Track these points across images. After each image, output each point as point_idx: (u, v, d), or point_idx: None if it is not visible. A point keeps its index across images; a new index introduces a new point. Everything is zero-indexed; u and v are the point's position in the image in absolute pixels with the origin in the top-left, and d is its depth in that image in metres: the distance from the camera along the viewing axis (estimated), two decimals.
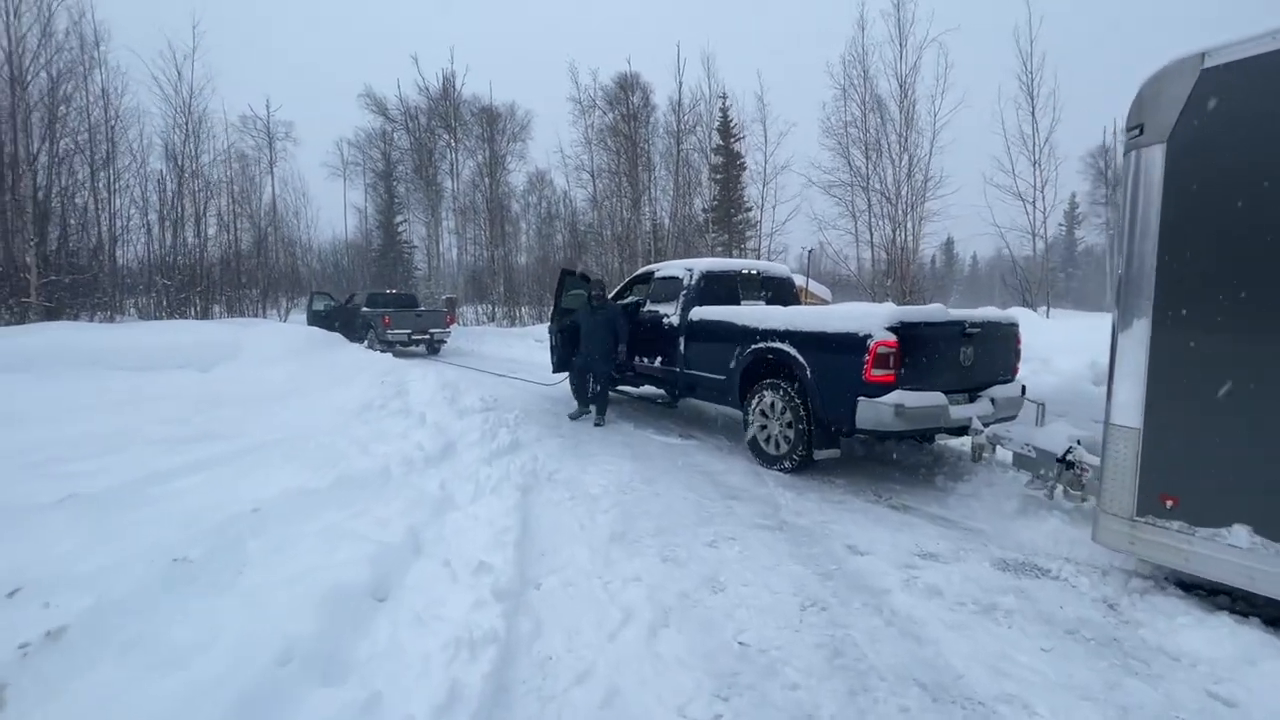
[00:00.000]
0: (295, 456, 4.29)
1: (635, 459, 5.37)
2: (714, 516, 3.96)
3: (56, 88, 12.71)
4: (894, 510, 4.17)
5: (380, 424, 5.67)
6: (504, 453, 5.13)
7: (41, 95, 12.19)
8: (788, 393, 4.89)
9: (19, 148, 11.10)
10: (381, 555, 2.49)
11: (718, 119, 24.92)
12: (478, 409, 6.78)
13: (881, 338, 4.23)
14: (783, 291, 6.90)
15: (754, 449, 5.28)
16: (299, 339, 11.57)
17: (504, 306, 24.19)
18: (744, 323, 5.38)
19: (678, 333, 6.28)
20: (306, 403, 7.08)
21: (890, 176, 16.18)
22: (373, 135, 32.13)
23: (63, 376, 8.11)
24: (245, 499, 3.32)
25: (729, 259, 6.80)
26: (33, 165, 11.32)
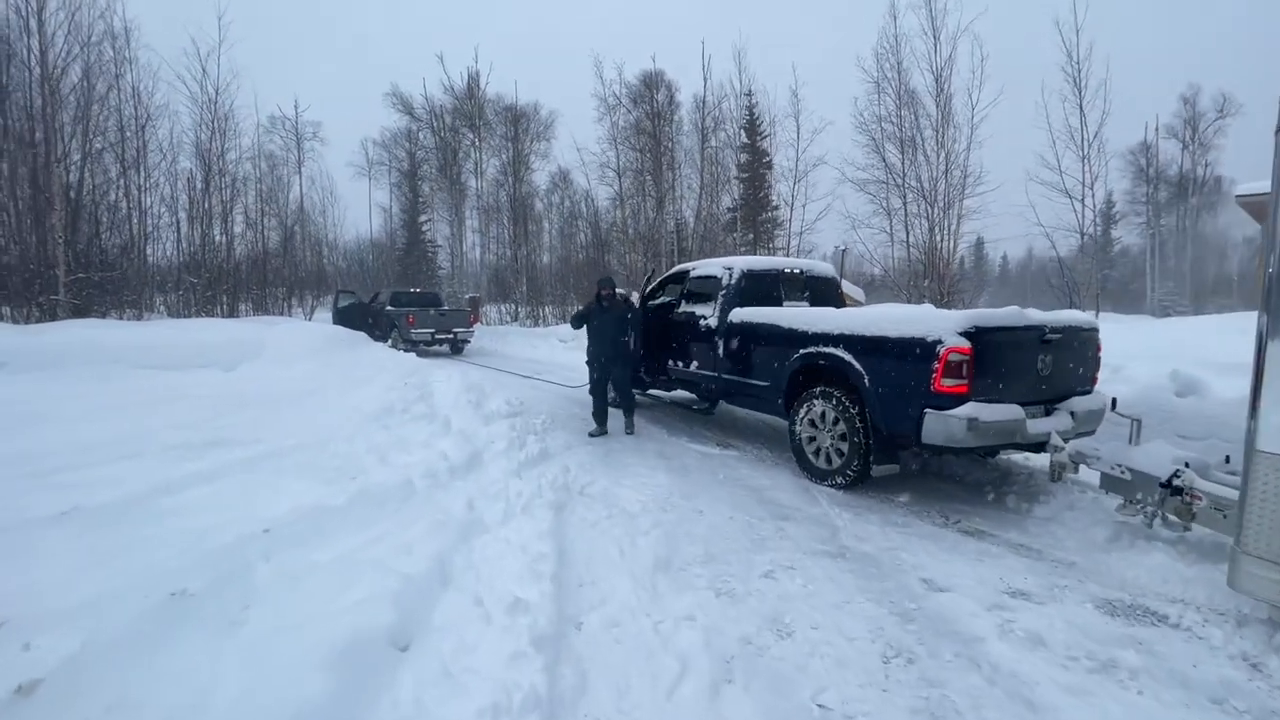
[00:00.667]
0: (311, 466, 4.02)
1: (672, 471, 5.01)
2: (766, 540, 3.58)
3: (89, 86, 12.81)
4: (967, 536, 3.75)
5: (402, 429, 5.39)
6: (533, 463, 4.80)
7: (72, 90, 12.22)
8: (841, 402, 4.48)
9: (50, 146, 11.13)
10: (405, 591, 2.17)
11: (744, 116, 24.44)
12: (504, 414, 6.47)
13: (953, 343, 3.81)
14: (827, 292, 6.47)
15: (802, 462, 4.88)
16: (321, 338, 11.42)
17: (527, 306, 23.98)
18: (792, 325, 4.99)
19: (715, 335, 5.90)
20: (326, 405, 6.84)
21: (926, 173, 15.61)
22: (398, 135, 32.24)
23: (85, 376, 8.00)
24: (257, 517, 3.03)
25: (770, 257, 6.42)
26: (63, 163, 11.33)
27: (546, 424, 6.45)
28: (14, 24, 11.55)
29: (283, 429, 5.61)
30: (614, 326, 6.20)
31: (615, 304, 6.32)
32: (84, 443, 4.86)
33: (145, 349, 9.37)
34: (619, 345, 6.21)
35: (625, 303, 6.62)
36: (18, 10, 11.41)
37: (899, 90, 15.77)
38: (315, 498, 3.27)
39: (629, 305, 6.62)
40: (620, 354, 6.23)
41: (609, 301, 6.27)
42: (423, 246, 35.50)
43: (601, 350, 6.22)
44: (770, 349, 5.20)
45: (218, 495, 3.53)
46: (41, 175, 11.08)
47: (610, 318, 6.21)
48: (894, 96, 15.86)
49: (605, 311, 6.23)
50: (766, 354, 5.25)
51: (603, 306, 6.24)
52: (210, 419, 6.09)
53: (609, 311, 6.23)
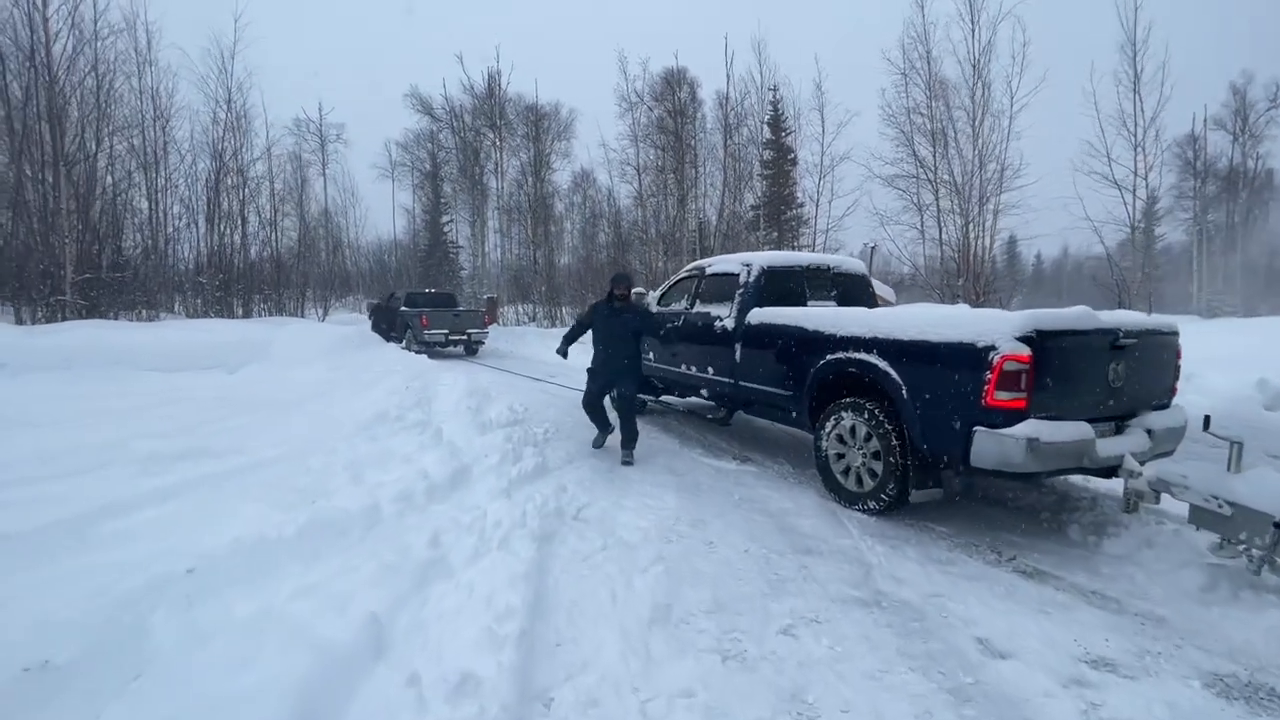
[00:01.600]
0: (277, 485, 3.60)
1: (682, 490, 4.49)
2: (787, 582, 3.05)
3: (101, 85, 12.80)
4: (1025, 578, 3.16)
5: (390, 440, 4.97)
6: (527, 480, 4.33)
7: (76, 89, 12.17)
8: (874, 416, 3.92)
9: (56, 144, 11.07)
10: (317, 673, 1.70)
11: (768, 112, 23.78)
12: (503, 422, 6.04)
13: (1010, 350, 3.22)
14: (857, 290, 5.88)
15: (828, 483, 4.32)
16: (329, 339, 11.18)
17: (545, 306, 23.65)
18: (817, 328, 4.43)
19: (732, 338, 5.36)
20: (321, 411, 6.48)
21: (959, 167, 14.79)
22: (420, 136, 32.26)
23: (85, 378, 7.81)
24: (189, 550, 2.61)
25: (794, 253, 5.82)
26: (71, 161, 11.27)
27: (549, 433, 5.99)
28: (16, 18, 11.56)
29: (268, 438, 5.25)
30: (625, 332, 5.35)
31: (629, 305, 5.46)
32: (51, 452, 4.54)
33: (151, 350, 9.19)
34: (631, 357, 5.39)
35: (638, 305, 5.84)
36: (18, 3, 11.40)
37: (929, 81, 14.99)
38: (261, 527, 2.84)
39: (643, 308, 5.86)
40: (629, 368, 5.38)
41: (622, 302, 5.40)
42: (444, 247, 35.52)
43: (609, 360, 5.38)
44: (793, 354, 4.65)
45: (163, 520, 3.13)
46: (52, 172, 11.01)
47: (621, 321, 5.36)
48: (923, 87, 15.09)
49: (616, 314, 5.36)
50: (788, 359, 4.71)
51: (614, 307, 5.37)
52: (197, 425, 5.76)
53: (621, 314, 5.36)
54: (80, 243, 11.29)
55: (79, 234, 11.35)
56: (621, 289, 5.42)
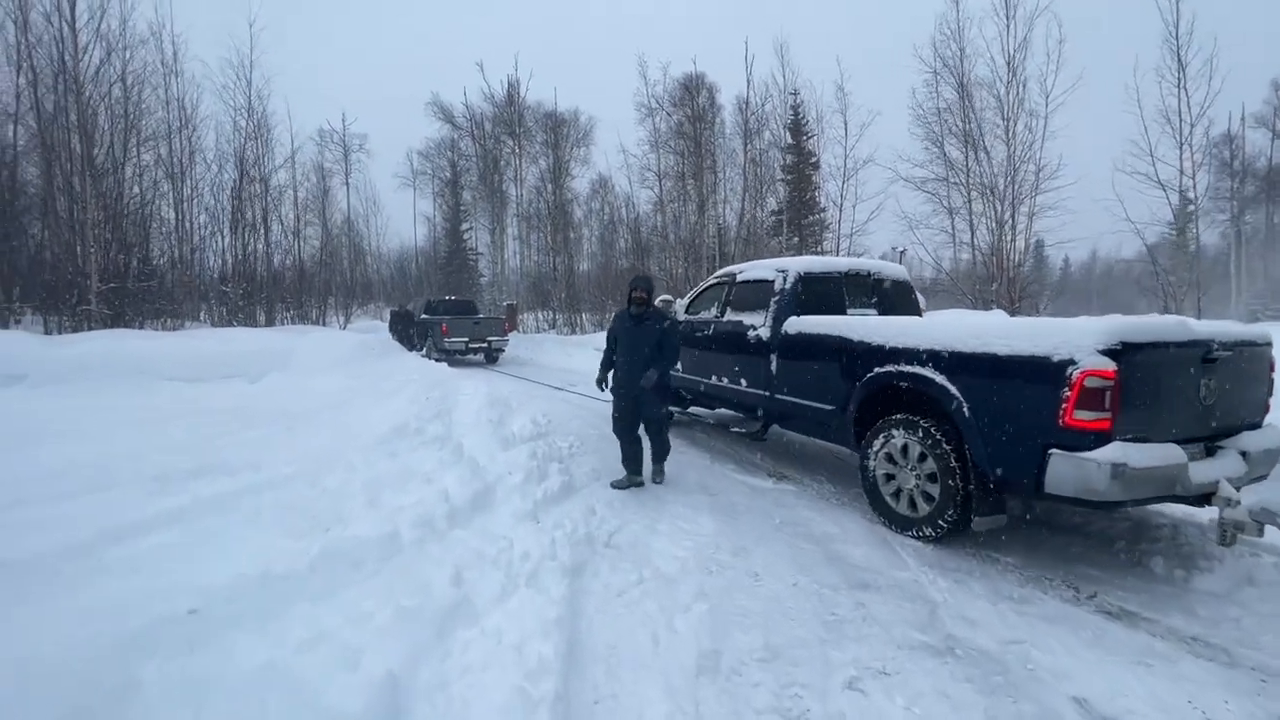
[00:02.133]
0: (292, 508, 3.38)
1: (718, 512, 4.20)
2: (844, 623, 2.74)
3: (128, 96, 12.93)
4: (1112, 620, 2.82)
5: (410, 456, 4.75)
6: (553, 501, 4.07)
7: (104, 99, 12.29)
8: (930, 434, 3.60)
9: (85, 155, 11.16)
10: None
11: (789, 116, 23.46)
12: (527, 435, 5.80)
13: (1092, 364, 2.89)
14: (899, 298, 5.56)
15: (877, 506, 4.00)
16: (349, 347, 11.08)
17: (565, 313, 23.50)
18: (863, 338, 4.12)
19: (767, 349, 5.07)
20: (340, 422, 6.30)
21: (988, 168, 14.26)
22: (441, 144, 32.49)
23: (106, 389, 7.74)
24: (193, 585, 2.39)
25: (831, 258, 5.48)
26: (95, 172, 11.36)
27: (574, 447, 5.75)
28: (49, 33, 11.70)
29: (284, 453, 5.07)
30: (647, 343, 4.69)
31: (649, 313, 4.78)
32: (60, 469, 4.39)
33: (173, 360, 9.14)
34: (644, 365, 4.68)
35: (664, 312, 5.13)
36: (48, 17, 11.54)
37: (961, 80, 14.52)
38: (274, 558, 2.62)
39: (669, 317, 5.17)
40: (658, 383, 4.70)
41: (641, 307, 4.73)
42: (464, 255, 35.68)
43: (631, 374, 4.73)
44: (835, 366, 4.34)
45: (170, 548, 2.92)
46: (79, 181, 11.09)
47: (642, 331, 4.73)
48: (955, 87, 14.62)
49: (638, 322, 4.74)
50: (830, 372, 4.40)
51: (633, 315, 4.75)
52: (213, 439, 5.61)
53: (642, 322, 4.74)
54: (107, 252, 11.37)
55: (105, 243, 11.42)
56: (640, 293, 4.74)
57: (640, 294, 4.74)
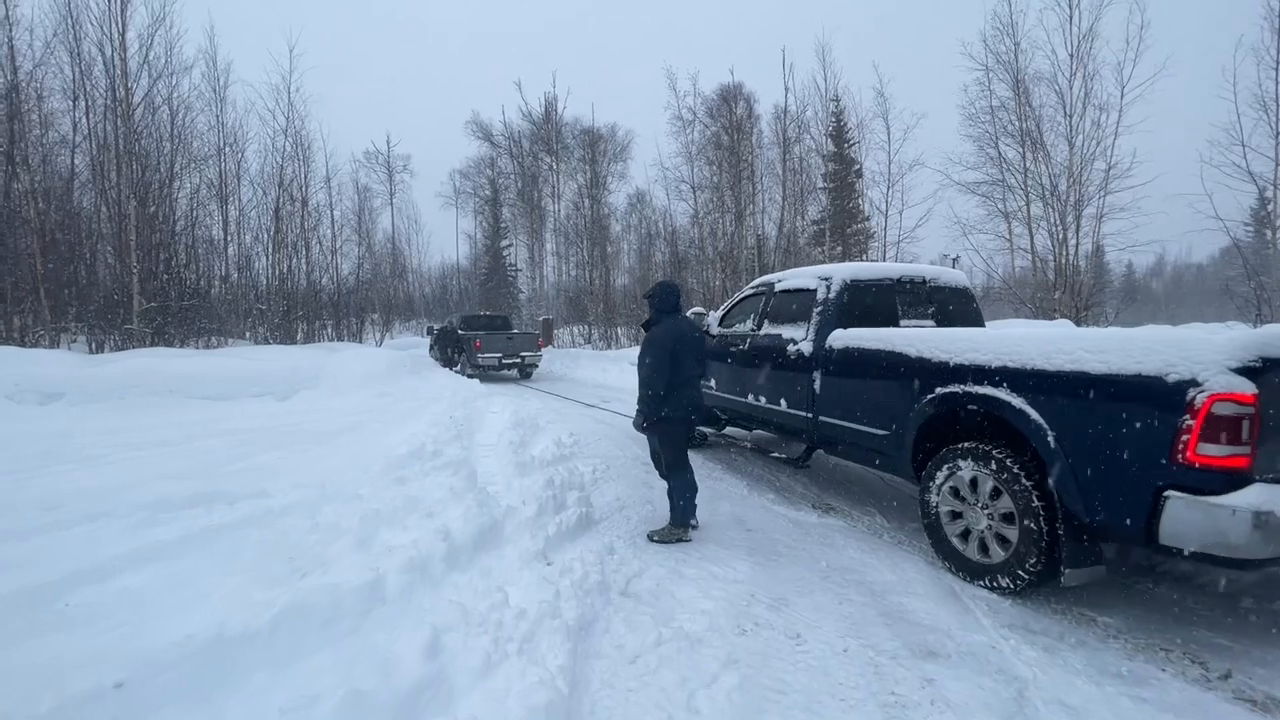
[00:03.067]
0: (273, 547, 3.05)
1: (755, 552, 3.70)
2: (908, 708, 2.21)
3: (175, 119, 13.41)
4: (1260, 713, 2.21)
5: (420, 482, 4.42)
6: (567, 536, 3.65)
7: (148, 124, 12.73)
8: (1006, 467, 3.03)
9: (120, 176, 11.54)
10: None
11: (830, 123, 22.82)
12: (548, 459, 5.43)
13: (1222, 385, 2.31)
14: (959, 308, 4.97)
15: (941, 547, 3.44)
16: (380, 365, 10.98)
17: (600, 327, 23.26)
18: (923, 354, 3.58)
19: (810, 365, 4.56)
20: (356, 445, 6.07)
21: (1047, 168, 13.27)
22: (480, 163, 33.04)
23: (135, 407, 7.76)
24: (128, 652, 2.05)
25: (881, 264, 4.94)
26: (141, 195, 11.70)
27: (597, 473, 5.33)
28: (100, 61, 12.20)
29: (292, 478, 4.81)
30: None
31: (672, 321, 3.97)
32: (63, 495, 4.21)
33: (206, 378, 9.17)
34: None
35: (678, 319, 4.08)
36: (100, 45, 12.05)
37: (1016, 75, 13.62)
38: (233, 613, 2.27)
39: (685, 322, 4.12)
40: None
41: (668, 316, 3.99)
42: (503, 271, 36.06)
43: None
44: (889, 385, 3.81)
45: (129, 596, 2.62)
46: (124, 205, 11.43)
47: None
48: (1010, 84, 13.74)
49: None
50: (883, 392, 3.86)
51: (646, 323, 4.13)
52: (224, 463, 5.42)
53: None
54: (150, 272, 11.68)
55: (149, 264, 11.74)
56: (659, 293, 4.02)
57: (652, 292, 4.07)
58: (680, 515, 3.88)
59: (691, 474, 3.96)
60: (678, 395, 3.83)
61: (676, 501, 3.88)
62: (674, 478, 3.90)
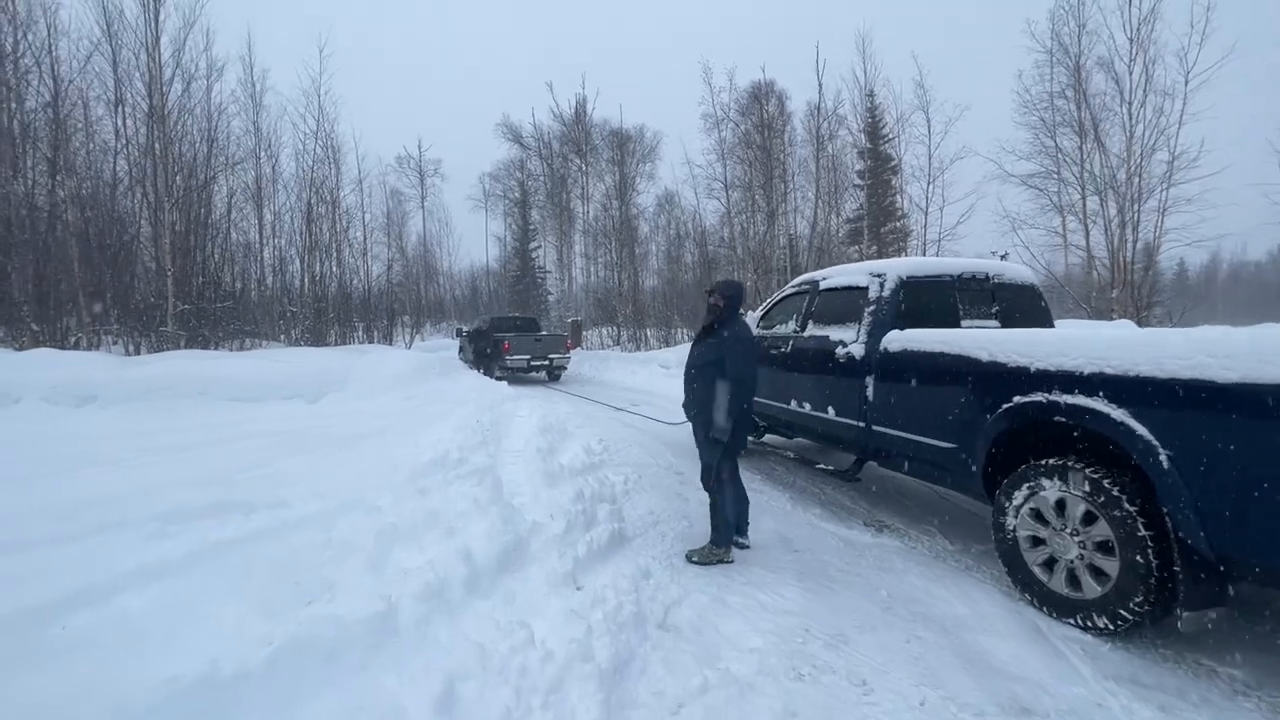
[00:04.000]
0: (284, 566, 2.82)
1: (805, 576, 3.34)
2: None
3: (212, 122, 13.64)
4: None
5: (442, 493, 4.17)
6: (598, 557, 3.35)
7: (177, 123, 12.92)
8: (1102, 489, 2.63)
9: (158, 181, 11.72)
10: None
11: (866, 119, 22.16)
12: (577, 468, 5.15)
13: None
14: (1025, 307, 4.53)
15: (1019, 576, 3.04)
16: (408, 366, 10.89)
17: (629, 329, 22.99)
18: (997, 357, 3.18)
19: (861, 370, 4.18)
20: (380, 450, 5.88)
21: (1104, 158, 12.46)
22: (510, 165, 33.17)
23: (165, 410, 7.74)
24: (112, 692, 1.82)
25: (939, 259, 4.50)
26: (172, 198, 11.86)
27: (629, 483, 5.02)
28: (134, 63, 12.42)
29: (312, 486, 4.62)
30: (700, 366, 3.54)
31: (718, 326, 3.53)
32: (80, 503, 4.08)
33: (237, 381, 9.15)
34: (700, 402, 3.49)
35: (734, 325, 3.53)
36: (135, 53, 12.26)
37: (1077, 61, 12.82)
38: (228, 647, 2.03)
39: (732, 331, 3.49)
40: (699, 418, 3.51)
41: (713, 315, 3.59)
42: (533, 273, 36.15)
43: (688, 409, 3.67)
44: (956, 392, 3.41)
45: (124, 622, 2.40)
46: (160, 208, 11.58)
47: (699, 350, 3.58)
48: (1070, 69, 12.95)
49: (698, 340, 3.65)
50: (949, 400, 3.47)
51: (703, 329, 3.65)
52: (247, 468, 5.28)
53: (702, 339, 3.61)
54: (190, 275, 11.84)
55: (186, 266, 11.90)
56: (717, 299, 3.57)
57: (717, 301, 3.57)
58: (722, 536, 3.54)
59: (743, 486, 3.63)
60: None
61: (721, 519, 3.54)
62: (723, 491, 3.55)
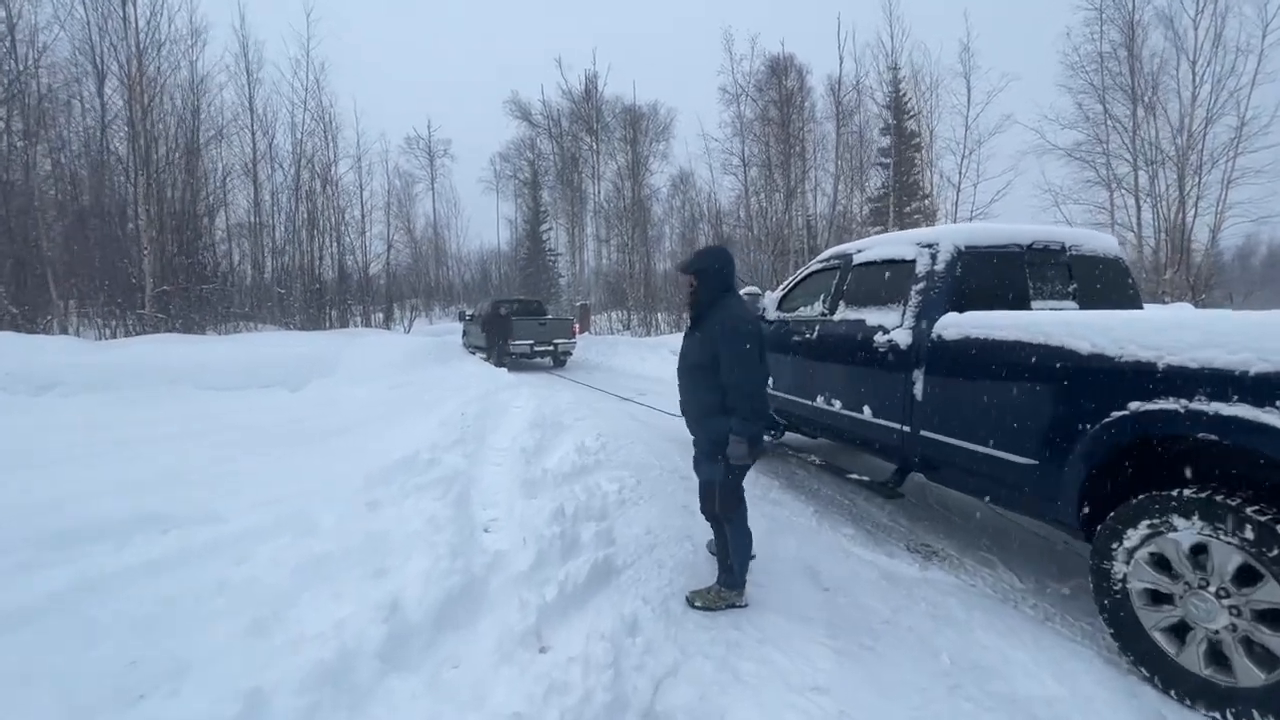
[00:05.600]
0: (140, 630, 2.13)
1: (838, 628, 2.59)
2: None
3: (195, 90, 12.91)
4: None
5: (397, 508, 3.50)
6: (574, 601, 2.63)
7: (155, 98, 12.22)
8: (1273, 535, 1.84)
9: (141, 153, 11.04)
10: None
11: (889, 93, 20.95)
12: (565, 472, 4.45)
13: None
14: (1110, 285, 3.69)
15: (1132, 643, 2.26)
16: (402, 352, 10.24)
17: (640, 313, 22.22)
18: (1105, 350, 2.37)
19: (907, 361, 3.39)
20: (350, 447, 5.27)
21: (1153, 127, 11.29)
22: (520, 145, 32.38)
23: (127, 400, 7.16)
24: None
25: (1000, 225, 3.63)
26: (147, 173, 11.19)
27: (624, 492, 4.28)
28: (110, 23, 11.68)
29: (257, 494, 3.99)
30: (695, 359, 2.72)
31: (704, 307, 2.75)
32: None
33: (215, 368, 8.55)
34: (698, 402, 2.74)
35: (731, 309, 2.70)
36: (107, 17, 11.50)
37: (1131, 18, 11.60)
38: None
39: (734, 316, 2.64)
40: (702, 421, 2.74)
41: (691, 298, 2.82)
42: (543, 256, 35.42)
43: (683, 407, 2.91)
44: (1042, 393, 2.62)
45: None
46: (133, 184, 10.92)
47: (691, 341, 2.80)
48: (1124, 26, 11.73)
49: (690, 330, 2.85)
50: (1031, 403, 2.67)
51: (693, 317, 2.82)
52: (194, 469, 4.67)
53: (692, 330, 2.81)
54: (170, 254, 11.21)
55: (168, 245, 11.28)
56: (690, 280, 2.79)
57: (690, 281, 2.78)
58: (737, 576, 2.79)
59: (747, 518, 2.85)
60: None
61: (733, 558, 2.79)
62: (734, 524, 2.77)
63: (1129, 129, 11.56)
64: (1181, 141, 10.89)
